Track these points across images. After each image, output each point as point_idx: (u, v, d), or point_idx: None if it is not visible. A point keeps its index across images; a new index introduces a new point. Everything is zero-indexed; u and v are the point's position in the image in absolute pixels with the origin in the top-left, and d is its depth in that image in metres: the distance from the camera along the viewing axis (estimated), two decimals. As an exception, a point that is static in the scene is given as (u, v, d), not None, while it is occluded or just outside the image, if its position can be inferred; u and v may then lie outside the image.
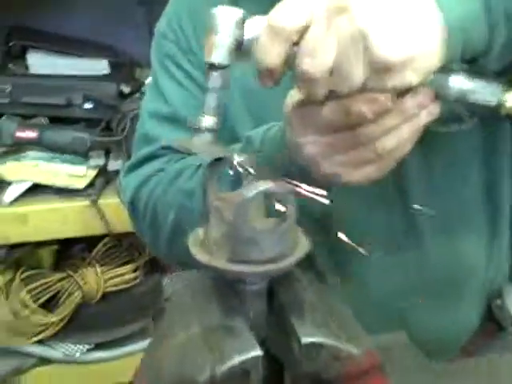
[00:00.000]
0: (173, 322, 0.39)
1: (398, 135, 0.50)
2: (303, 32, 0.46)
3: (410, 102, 0.49)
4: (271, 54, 0.47)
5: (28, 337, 1.35)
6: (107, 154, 1.39)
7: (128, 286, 1.45)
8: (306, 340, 0.36)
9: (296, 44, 0.47)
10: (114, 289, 1.43)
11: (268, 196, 0.37)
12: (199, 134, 0.47)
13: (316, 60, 0.46)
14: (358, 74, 0.46)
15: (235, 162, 0.42)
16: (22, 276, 1.35)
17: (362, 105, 0.47)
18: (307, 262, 0.42)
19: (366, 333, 0.43)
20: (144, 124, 0.83)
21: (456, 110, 0.69)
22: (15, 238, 1.27)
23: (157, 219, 0.75)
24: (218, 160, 0.43)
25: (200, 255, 0.39)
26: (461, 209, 0.74)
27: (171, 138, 0.78)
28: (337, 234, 0.74)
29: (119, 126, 1.37)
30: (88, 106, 1.41)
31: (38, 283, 1.36)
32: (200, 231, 0.42)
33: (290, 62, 0.47)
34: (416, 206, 0.69)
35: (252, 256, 0.37)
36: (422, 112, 0.50)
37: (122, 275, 1.45)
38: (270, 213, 0.42)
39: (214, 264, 0.38)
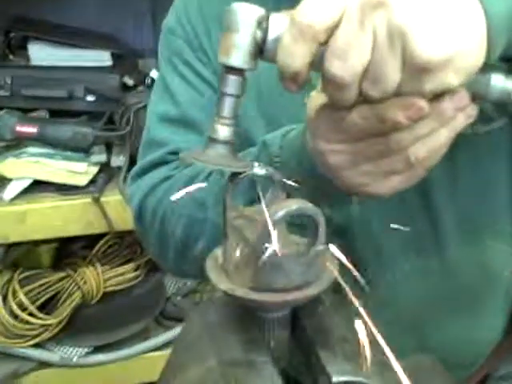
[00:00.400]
0: (187, 353, 0.35)
1: (433, 142, 0.46)
2: (333, 30, 0.41)
3: (447, 104, 0.44)
4: (296, 56, 0.42)
5: (26, 340, 1.31)
6: (109, 149, 1.35)
7: (129, 285, 1.42)
8: (337, 379, 0.32)
9: (324, 44, 0.42)
10: (114, 288, 1.39)
11: (295, 216, 0.32)
12: (214, 146, 0.42)
13: (348, 63, 0.41)
14: (393, 76, 0.41)
15: (258, 174, 0.38)
16: (21, 276, 1.31)
17: (396, 111, 0.43)
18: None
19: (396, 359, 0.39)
20: (150, 127, 0.78)
21: (485, 110, 0.65)
22: (14, 237, 1.24)
23: (165, 230, 0.71)
24: (239, 173, 0.38)
25: (221, 282, 0.34)
26: (486, 212, 0.70)
27: (180, 142, 0.73)
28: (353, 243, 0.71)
29: (122, 119, 1.33)
30: (90, 98, 1.38)
31: (36, 284, 1.32)
32: (218, 252, 0.37)
33: (316, 62, 0.42)
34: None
35: (278, 284, 0.33)
36: (459, 115, 0.46)
37: (123, 274, 1.41)
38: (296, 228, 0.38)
39: (237, 294, 0.33)
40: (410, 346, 0.72)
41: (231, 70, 0.44)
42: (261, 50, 0.44)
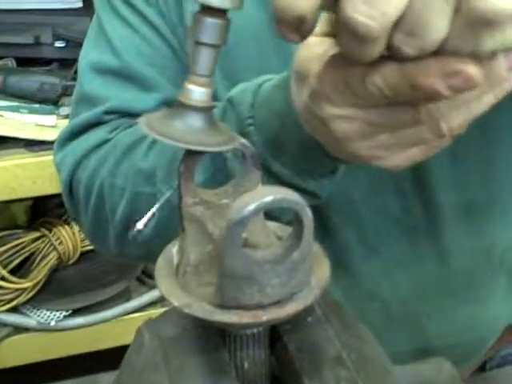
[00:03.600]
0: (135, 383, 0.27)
1: (474, 109, 0.35)
2: None
3: (502, 64, 0.33)
4: None
5: (0, 305, 1.25)
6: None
7: (108, 244, 1.35)
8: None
9: None
10: (91, 248, 1.32)
11: (274, 208, 0.24)
12: (185, 114, 0.31)
13: (377, 7, 0.29)
14: (439, 29, 0.30)
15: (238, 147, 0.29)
16: (-9, 238, 1.24)
17: (435, 77, 0.31)
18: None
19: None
20: (83, 80, 0.64)
21: None
22: (-19, 198, 1.15)
23: (103, 207, 0.58)
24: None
25: (174, 294, 0.26)
26: (490, 191, 0.61)
27: (120, 99, 0.61)
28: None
29: (95, 67, 1.23)
30: (59, 44, 1.28)
31: (8, 245, 1.25)
32: (173, 250, 0.29)
33: (328, 2, 0.31)
34: None
35: (249, 299, 0.25)
36: None
37: (101, 232, 1.34)
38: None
39: (196, 313, 0.25)
40: (406, 341, 0.65)
41: (210, 10, 0.31)
42: None
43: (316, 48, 0.37)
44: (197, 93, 0.32)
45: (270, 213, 0.29)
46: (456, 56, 0.31)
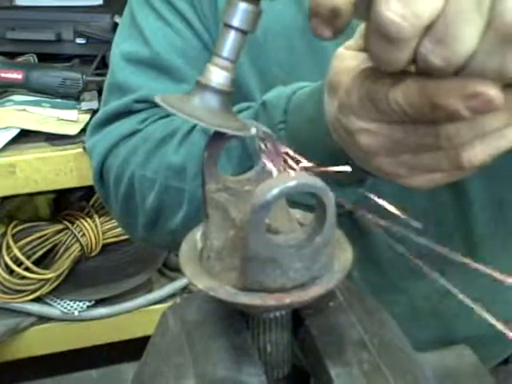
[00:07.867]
0: (160, 365, 0.28)
1: (497, 143, 0.34)
2: None
3: None
4: None
5: (24, 295, 1.27)
6: (101, 95, 1.26)
7: (129, 236, 1.36)
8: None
9: None
10: (114, 240, 1.35)
11: (297, 193, 0.25)
12: (203, 94, 0.31)
13: (411, 8, 0.29)
14: (468, 41, 0.30)
15: (255, 134, 0.29)
16: (15, 230, 1.26)
17: (455, 97, 0.31)
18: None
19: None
20: (115, 70, 0.65)
21: None
22: (3, 191, 1.17)
23: (133, 196, 0.60)
24: (220, 135, 0.30)
25: (198, 278, 0.27)
26: None
27: (150, 89, 0.62)
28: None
29: (115, 62, 1.24)
30: (80, 41, 1.29)
31: (32, 237, 1.27)
32: (197, 235, 0.30)
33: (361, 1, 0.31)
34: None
35: (272, 282, 0.26)
36: None
37: (123, 225, 1.35)
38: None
39: (219, 295, 0.26)
40: (430, 338, 0.65)
41: None
42: None
43: (349, 61, 0.38)
44: (217, 74, 0.31)
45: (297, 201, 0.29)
46: (478, 77, 0.31)
